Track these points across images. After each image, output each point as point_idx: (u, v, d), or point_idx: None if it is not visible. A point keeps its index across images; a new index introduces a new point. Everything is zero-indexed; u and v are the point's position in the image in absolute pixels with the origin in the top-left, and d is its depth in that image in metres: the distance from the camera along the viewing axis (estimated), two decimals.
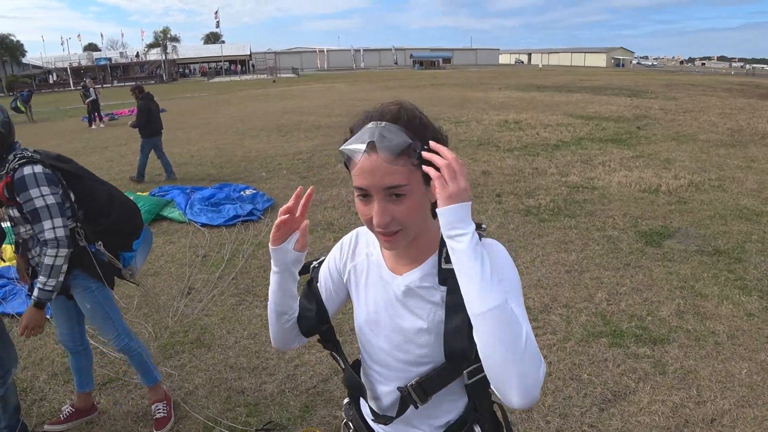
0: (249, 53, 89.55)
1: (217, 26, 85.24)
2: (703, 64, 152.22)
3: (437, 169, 1.07)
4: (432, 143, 1.11)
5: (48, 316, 4.52)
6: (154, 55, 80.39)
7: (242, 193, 7.85)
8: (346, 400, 1.57)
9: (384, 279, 1.31)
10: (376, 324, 1.33)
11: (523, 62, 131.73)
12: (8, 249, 5.93)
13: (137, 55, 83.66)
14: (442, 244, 1.22)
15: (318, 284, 1.45)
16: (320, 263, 1.50)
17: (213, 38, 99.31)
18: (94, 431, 3.25)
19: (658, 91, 26.81)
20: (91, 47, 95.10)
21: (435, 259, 1.25)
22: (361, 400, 1.48)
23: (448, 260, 1.17)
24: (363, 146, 1.09)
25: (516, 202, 7.29)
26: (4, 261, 5.61)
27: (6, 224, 2.88)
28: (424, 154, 1.09)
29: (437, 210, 1.07)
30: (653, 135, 12.57)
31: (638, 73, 60.59)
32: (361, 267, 1.39)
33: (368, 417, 1.45)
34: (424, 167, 1.09)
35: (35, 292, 2.63)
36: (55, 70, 75.73)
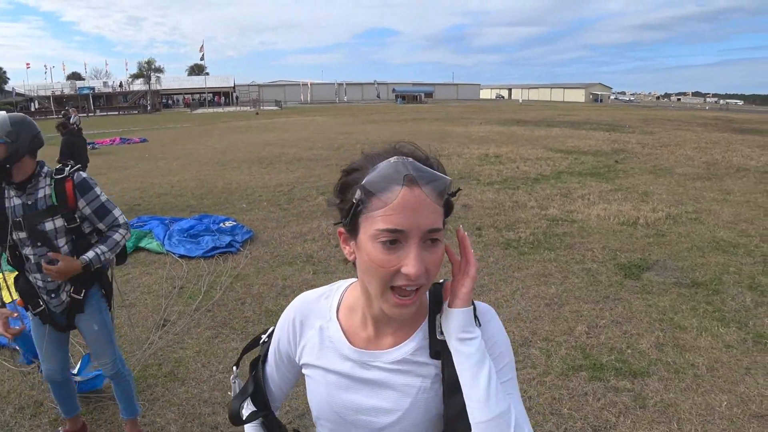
0: (233, 85, 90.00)
1: (202, 59, 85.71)
2: (679, 99, 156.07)
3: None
4: (461, 231, 1.04)
5: (17, 347, 4.39)
6: (138, 85, 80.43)
7: (222, 224, 7.77)
8: None
9: (348, 356, 1.13)
10: (345, 409, 1.14)
11: (503, 97, 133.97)
12: None
13: (120, 85, 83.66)
14: (432, 311, 1.11)
15: (266, 364, 1.31)
16: (270, 335, 1.31)
17: (197, 70, 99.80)
18: None
19: (636, 125, 27.42)
20: (75, 76, 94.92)
21: (426, 329, 1.10)
22: None
23: (443, 330, 1.07)
24: (399, 178, 0.92)
25: (496, 235, 7.31)
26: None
27: None
28: (460, 239, 1.04)
29: (450, 310, 1.02)
30: (631, 168, 12.78)
31: (616, 108, 62.03)
32: (313, 344, 1.19)
33: None
34: (451, 256, 1.02)
35: (90, 255, 2.69)
36: (37, 98, 75.34)
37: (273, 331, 1.30)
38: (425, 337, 1.09)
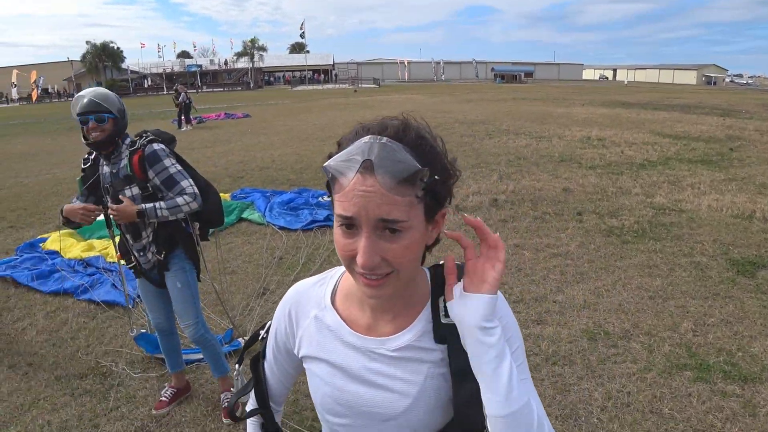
0: (332, 63, 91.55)
1: (302, 36, 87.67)
2: None
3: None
4: (470, 219, 0.95)
5: (130, 304, 4.72)
6: (242, 63, 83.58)
7: (320, 198, 7.98)
8: None
9: (350, 344, 1.08)
10: (351, 401, 1.09)
11: (607, 78, 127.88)
12: (96, 243, 6.27)
13: (225, 63, 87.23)
14: (435, 293, 1.06)
15: (266, 360, 1.26)
16: (267, 330, 1.26)
17: (298, 48, 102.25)
18: (177, 413, 3.38)
19: (754, 111, 25.31)
20: (184, 54, 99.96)
21: (428, 313, 1.06)
22: None
23: (446, 314, 1.02)
24: (356, 164, 0.87)
25: (598, 221, 7.03)
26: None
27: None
28: (475, 226, 0.95)
29: (472, 295, 0.95)
30: (747, 157, 11.83)
31: (732, 91, 57.58)
32: (310, 334, 1.14)
33: None
34: (461, 240, 0.96)
35: (147, 205, 2.85)
36: (150, 75, 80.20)
37: (270, 325, 1.25)
38: (429, 321, 1.05)
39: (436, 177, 0.90)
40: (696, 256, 5.75)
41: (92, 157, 3.01)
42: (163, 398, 3.46)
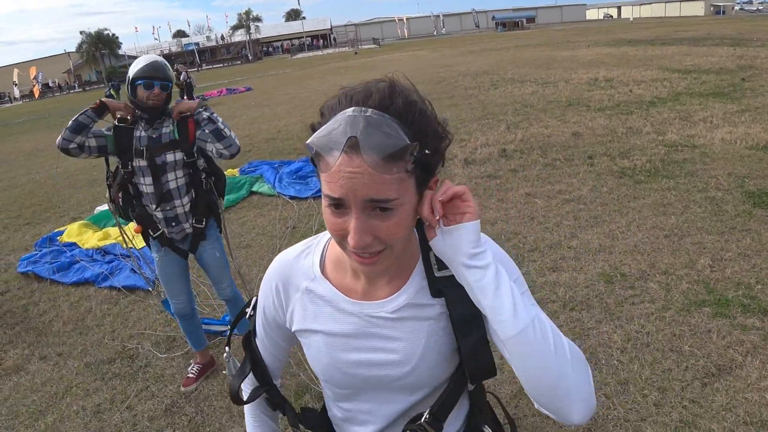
0: (329, 27, 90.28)
1: (298, 3, 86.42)
2: None
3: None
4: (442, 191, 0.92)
5: (150, 287, 4.79)
6: (239, 36, 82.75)
7: None
8: None
9: (348, 311, 1.06)
10: (355, 369, 1.08)
11: (612, 16, 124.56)
12: (112, 231, 6.34)
13: (222, 38, 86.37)
14: (424, 249, 1.05)
15: (257, 338, 1.24)
16: (254, 308, 1.24)
17: (294, 15, 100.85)
18: (204, 388, 3.45)
19: (766, 38, 24.56)
20: (180, 34, 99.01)
21: (421, 269, 1.05)
22: None
23: (439, 267, 1.02)
24: (341, 142, 0.82)
25: (609, 163, 6.95)
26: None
27: (103, 207, 3.12)
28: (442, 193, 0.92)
29: (459, 226, 0.92)
30: (760, 87, 11.54)
31: (742, 19, 55.86)
32: (303, 307, 1.11)
33: None
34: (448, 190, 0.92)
35: (207, 109, 2.98)
36: None
37: (257, 302, 1.23)
38: (423, 278, 1.04)
39: (427, 151, 0.87)
40: (711, 191, 5.68)
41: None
42: (190, 375, 3.54)
